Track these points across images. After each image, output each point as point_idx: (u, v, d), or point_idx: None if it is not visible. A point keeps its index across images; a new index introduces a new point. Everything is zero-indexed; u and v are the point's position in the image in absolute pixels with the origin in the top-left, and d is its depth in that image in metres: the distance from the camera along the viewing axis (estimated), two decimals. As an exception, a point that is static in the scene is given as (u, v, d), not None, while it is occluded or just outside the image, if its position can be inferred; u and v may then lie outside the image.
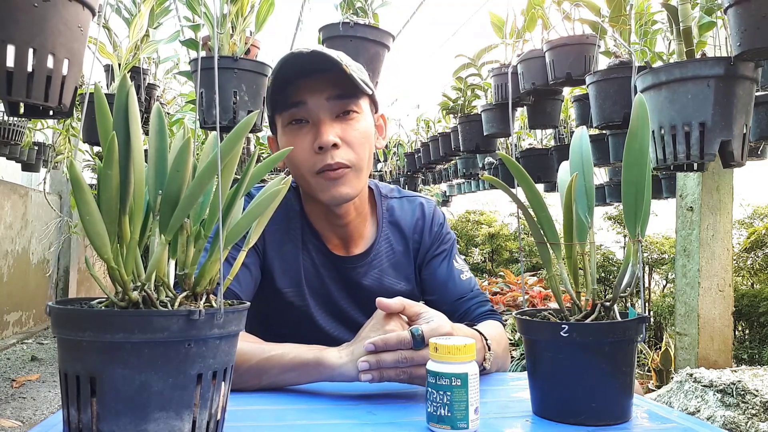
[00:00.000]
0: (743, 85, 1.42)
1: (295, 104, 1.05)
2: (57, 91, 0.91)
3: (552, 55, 2.33)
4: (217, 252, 0.63)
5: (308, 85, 1.05)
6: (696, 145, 1.43)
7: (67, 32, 0.90)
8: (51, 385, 3.99)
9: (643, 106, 0.74)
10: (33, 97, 0.87)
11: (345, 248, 1.18)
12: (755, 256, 4.41)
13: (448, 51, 5.26)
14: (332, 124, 1.05)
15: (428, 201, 1.28)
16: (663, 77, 1.47)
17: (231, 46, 1.69)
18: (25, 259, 5.76)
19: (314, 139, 1.05)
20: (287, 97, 1.06)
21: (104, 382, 0.56)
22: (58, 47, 0.89)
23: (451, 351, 0.72)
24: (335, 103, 1.06)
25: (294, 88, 1.05)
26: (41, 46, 0.86)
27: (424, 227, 1.23)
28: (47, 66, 0.88)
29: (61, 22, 0.88)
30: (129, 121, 0.59)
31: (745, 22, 1.32)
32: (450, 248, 1.24)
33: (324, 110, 1.05)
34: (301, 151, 1.06)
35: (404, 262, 1.21)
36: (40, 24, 0.86)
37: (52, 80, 0.89)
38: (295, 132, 1.07)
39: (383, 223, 1.22)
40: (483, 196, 8.23)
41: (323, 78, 1.04)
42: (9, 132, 3.98)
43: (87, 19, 0.94)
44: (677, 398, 2.13)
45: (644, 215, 0.76)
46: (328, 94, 1.05)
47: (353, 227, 1.17)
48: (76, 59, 0.93)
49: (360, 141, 1.07)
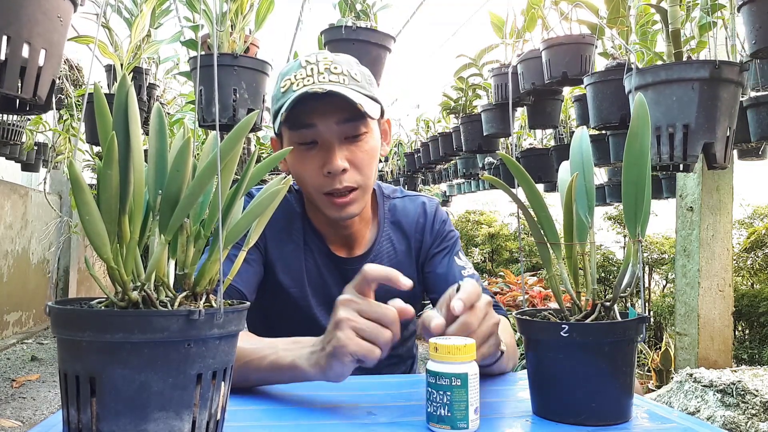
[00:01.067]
0: (728, 89, 1.43)
1: (305, 126, 1.05)
2: (32, 82, 0.88)
3: (548, 54, 2.34)
4: (217, 252, 0.63)
5: (319, 109, 1.04)
6: (679, 146, 1.45)
7: (45, 22, 0.86)
8: (51, 385, 3.99)
9: (643, 106, 0.74)
10: (5, 87, 0.84)
11: (347, 250, 1.19)
12: (755, 256, 4.40)
13: (448, 51, 5.26)
14: (341, 148, 1.05)
15: (431, 200, 1.28)
16: (649, 79, 1.48)
17: (230, 44, 1.69)
18: (25, 259, 5.76)
19: (323, 163, 1.05)
20: (297, 116, 1.04)
21: (104, 382, 0.56)
22: (35, 37, 0.85)
23: (451, 351, 0.72)
24: (345, 127, 1.05)
25: (304, 109, 1.03)
26: (16, 34, 0.83)
27: (426, 225, 1.23)
28: (21, 55, 0.84)
29: (39, 11, 0.85)
30: (129, 120, 0.59)
31: (759, 20, 1.32)
32: (452, 245, 1.24)
33: (333, 134, 1.05)
34: (310, 172, 1.06)
35: (406, 262, 1.21)
36: (16, 11, 0.82)
37: (27, 71, 0.86)
38: (303, 153, 1.07)
39: (385, 223, 1.22)
40: (483, 196, 8.24)
41: (333, 101, 1.03)
42: (9, 132, 3.98)
43: (68, 10, 0.91)
44: (677, 398, 2.13)
45: (644, 215, 0.76)
46: (337, 118, 1.04)
47: (356, 230, 1.18)
48: (54, 51, 0.90)
49: (368, 162, 1.07)
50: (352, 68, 1.08)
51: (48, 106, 0.94)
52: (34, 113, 1.02)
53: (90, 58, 0.92)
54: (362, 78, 1.08)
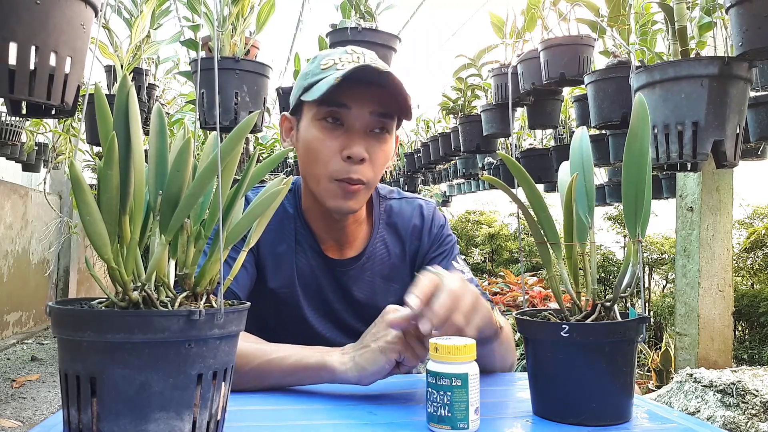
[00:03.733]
0: (737, 85, 1.42)
1: (338, 104, 1.02)
2: (59, 89, 0.90)
3: (546, 55, 2.34)
4: (217, 252, 0.63)
5: (357, 92, 1.02)
6: (689, 144, 1.43)
7: (69, 30, 0.89)
8: (51, 385, 3.99)
9: (643, 105, 0.74)
10: (35, 95, 0.87)
11: (339, 251, 1.17)
12: (755, 256, 4.41)
13: (448, 51, 5.27)
14: (365, 138, 1.04)
15: (428, 203, 1.26)
16: (657, 76, 1.47)
17: (231, 47, 1.69)
18: (25, 259, 5.76)
19: (343, 146, 1.03)
20: (332, 92, 0.99)
21: (104, 383, 0.56)
22: (61, 45, 0.88)
23: (451, 351, 0.72)
24: (375, 119, 1.04)
25: (342, 87, 1.00)
26: (43, 43, 0.85)
27: (423, 229, 1.21)
28: (49, 64, 0.87)
29: (64, 19, 0.88)
30: (129, 121, 0.59)
31: (746, 22, 1.32)
32: (450, 250, 1.22)
33: (363, 122, 1.03)
34: (327, 151, 1.04)
35: (400, 266, 1.20)
36: (43, 21, 0.85)
37: (55, 78, 0.89)
38: (327, 130, 1.04)
39: (380, 224, 1.20)
40: (483, 196, 8.24)
41: (372, 90, 1.02)
42: (9, 132, 3.98)
43: (89, 17, 0.93)
44: (677, 398, 2.13)
45: (644, 215, 0.76)
46: (372, 108, 1.03)
47: (350, 230, 1.16)
48: (78, 57, 0.93)
49: (383, 161, 1.07)
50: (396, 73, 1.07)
51: (74, 110, 0.96)
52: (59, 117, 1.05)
53: (90, 59, 0.92)
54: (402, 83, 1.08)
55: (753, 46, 1.31)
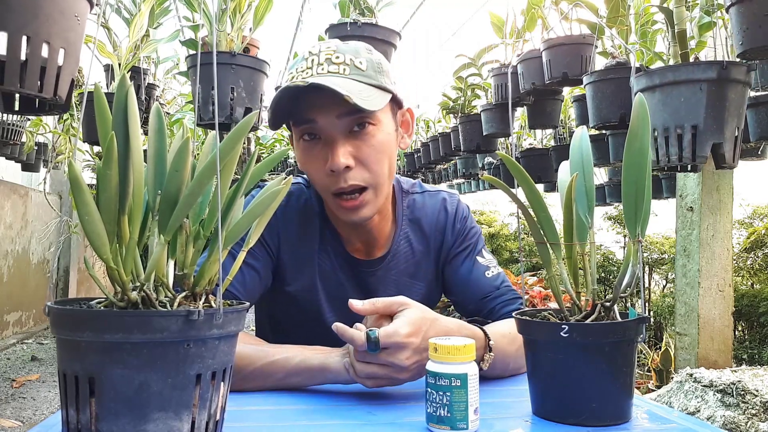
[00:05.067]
0: (735, 89, 1.43)
1: (305, 121, 0.99)
2: (52, 82, 0.87)
3: (549, 54, 2.34)
4: (217, 252, 0.63)
5: (318, 103, 0.97)
6: (688, 147, 1.45)
7: (63, 21, 0.86)
8: (51, 385, 3.99)
9: (643, 106, 0.74)
10: (26, 87, 0.83)
11: (366, 251, 1.13)
12: (755, 256, 4.40)
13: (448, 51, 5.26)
14: (345, 143, 0.98)
15: (451, 195, 1.21)
16: (657, 80, 1.48)
17: (228, 43, 1.69)
18: (25, 259, 5.76)
19: (327, 160, 0.98)
20: (298, 111, 0.98)
21: (103, 383, 0.56)
22: (54, 36, 0.85)
23: (451, 351, 0.72)
24: (347, 120, 0.97)
25: (304, 104, 0.97)
26: (35, 33, 0.82)
27: (447, 224, 1.16)
28: (41, 55, 0.84)
29: (57, 9, 0.85)
30: (128, 120, 0.59)
31: (747, 21, 1.32)
32: (474, 244, 1.17)
33: (335, 129, 0.97)
34: (315, 170, 1.01)
35: (424, 263, 1.16)
36: (34, 10, 0.82)
37: (47, 70, 0.86)
38: (309, 149, 1.01)
39: (403, 220, 1.16)
40: (483, 196, 8.23)
41: (331, 94, 0.93)
42: (9, 132, 3.98)
43: (84, 9, 0.91)
44: (677, 398, 2.13)
45: (644, 215, 0.75)
46: (338, 111, 0.96)
47: (377, 230, 1.12)
48: (72, 50, 0.89)
49: (376, 157, 1.00)
50: (359, 56, 0.99)
51: (68, 105, 0.92)
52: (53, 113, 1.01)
53: (89, 58, 0.91)
54: (369, 66, 0.99)
55: (754, 45, 1.32)
